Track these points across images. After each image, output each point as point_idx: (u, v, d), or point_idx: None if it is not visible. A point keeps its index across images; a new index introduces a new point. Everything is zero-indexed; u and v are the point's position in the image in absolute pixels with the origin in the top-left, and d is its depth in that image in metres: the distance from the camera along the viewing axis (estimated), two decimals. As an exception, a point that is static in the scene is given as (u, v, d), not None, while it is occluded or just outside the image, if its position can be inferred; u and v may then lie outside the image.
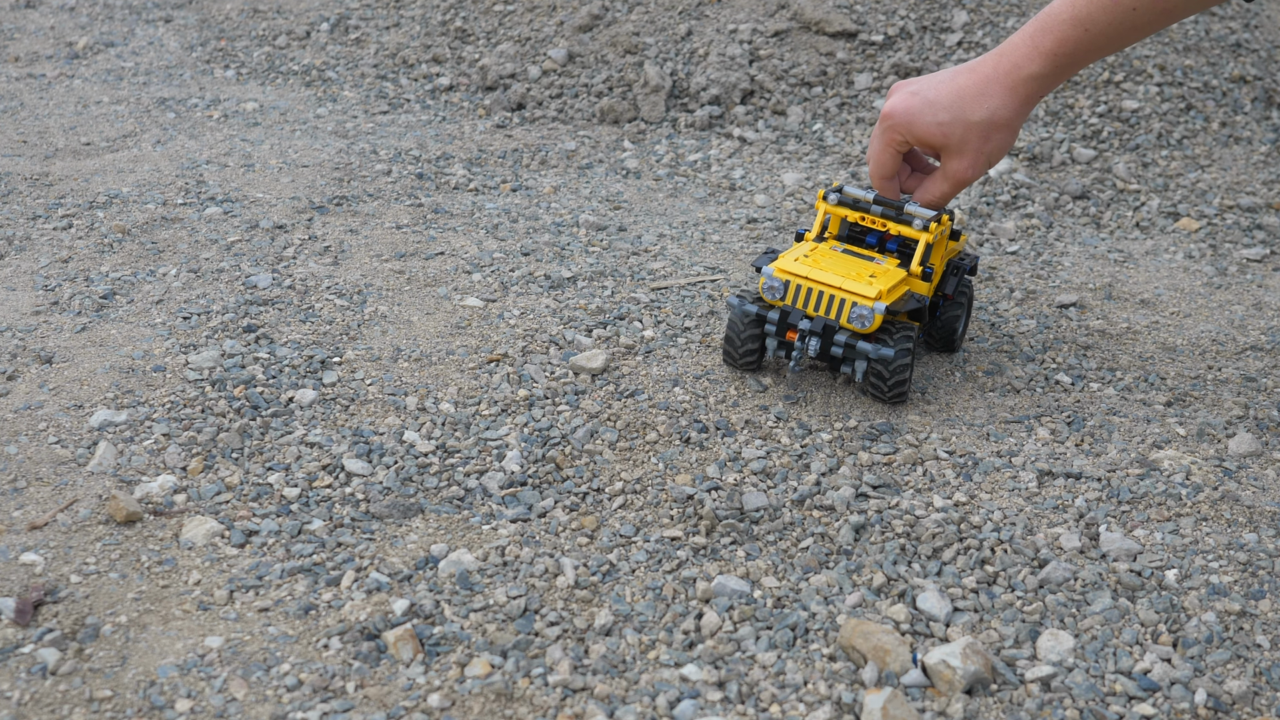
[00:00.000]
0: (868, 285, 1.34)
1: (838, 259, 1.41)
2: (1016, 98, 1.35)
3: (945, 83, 1.37)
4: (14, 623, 1.05)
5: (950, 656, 0.98)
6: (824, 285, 1.35)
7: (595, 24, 2.80)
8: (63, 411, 1.37)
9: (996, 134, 1.36)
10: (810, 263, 1.38)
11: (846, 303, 1.34)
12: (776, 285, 1.37)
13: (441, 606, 1.08)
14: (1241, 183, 2.23)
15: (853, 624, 1.03)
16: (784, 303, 1.37)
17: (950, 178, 1.40)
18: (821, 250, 1.43)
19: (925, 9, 2.66)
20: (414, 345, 1.54)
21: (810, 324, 1.35)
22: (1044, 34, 1.31)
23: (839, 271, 1.36)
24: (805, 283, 1.36)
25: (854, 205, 1.45)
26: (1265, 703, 0.99)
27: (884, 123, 1.39)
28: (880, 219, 1.43)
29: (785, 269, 1.37)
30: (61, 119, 2.58)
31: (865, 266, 1.39)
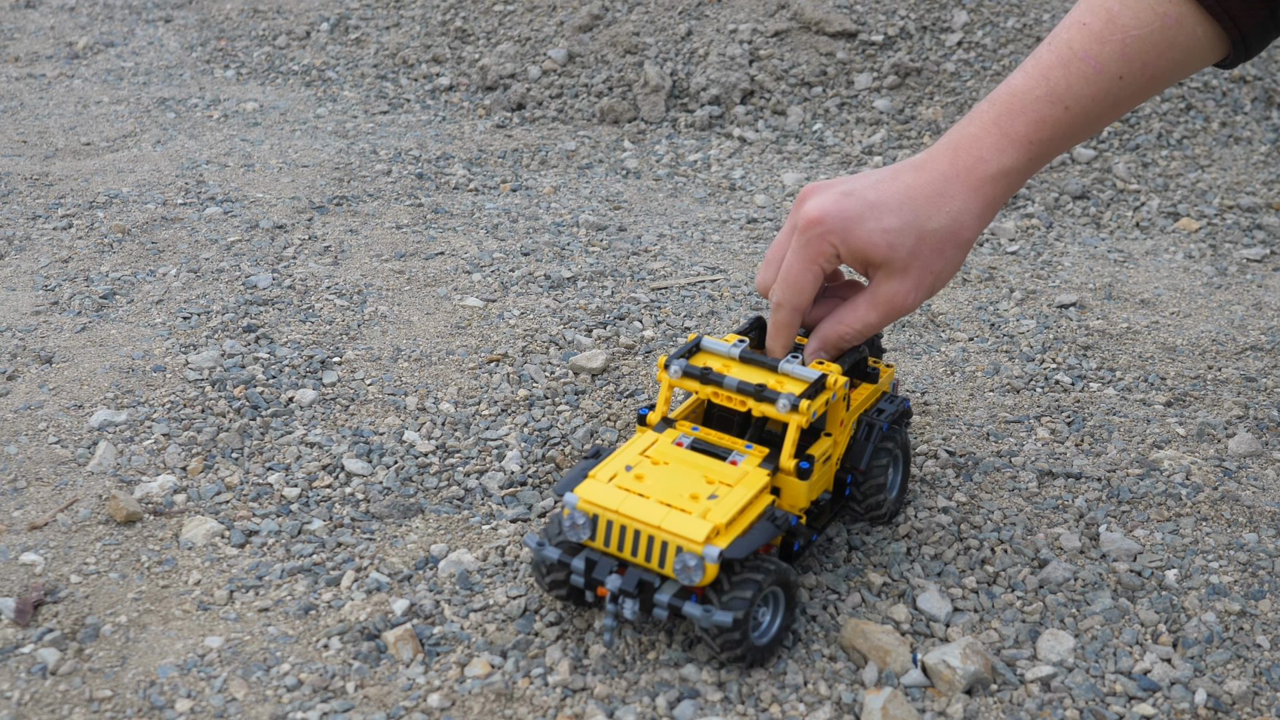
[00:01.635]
0: (696, 520, 0.95)
1: (677, 466, 1.02)
2: (981, 200, 1.06)
3: (886, 182, 1.07)
4: (14, 623, 1.05)
5: (950, 656, 0.99)
6: (639, 522, 0.96)
7: (595, 24, 2.80)
8: (63, 411, 1.37)
9: (952, 249, 1.07)
10: (634, 478, 1.00)
11: (669, 547, 0.95)
12: (581, 521, 0.98)
13: (441, 606, 1.08)
14: (1241, 183, 2.23)
15: (853, 624, 1.03)
16: (593, 544, 0.99)
17: (883, 304, 1.08)
18: (660, 450, 1.04)
19: (925, 9, 2.66)
20: (414, 345, 1.54)
21: (621, 581, 0.96)
22: (1013, 117, 1.05)
23: (667, 493, 0.98)
24: (616, 518, 0.97)
25: (702, 377, 1.05)
26: (1265, 703, 0.99)
27: (810, 230, 1.05)
28: (737, 395, 1.04)
29: (591, 497, 0.98)
30: (61, 119, 2.58)
31: (712, 477, 1.01)
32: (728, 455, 1.04)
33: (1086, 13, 1.04)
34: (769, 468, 1.03)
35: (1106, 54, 1.03)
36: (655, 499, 0.98)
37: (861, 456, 1.12)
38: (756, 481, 1.01)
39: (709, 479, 1.00)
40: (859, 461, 1.12)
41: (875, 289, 1.08)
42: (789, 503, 1.04)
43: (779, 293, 1.09)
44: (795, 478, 1.03)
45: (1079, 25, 1.04)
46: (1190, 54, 1.04)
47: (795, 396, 1.01)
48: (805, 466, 1.03)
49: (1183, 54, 1.03)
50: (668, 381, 1.07)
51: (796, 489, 1.04)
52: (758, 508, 0.99)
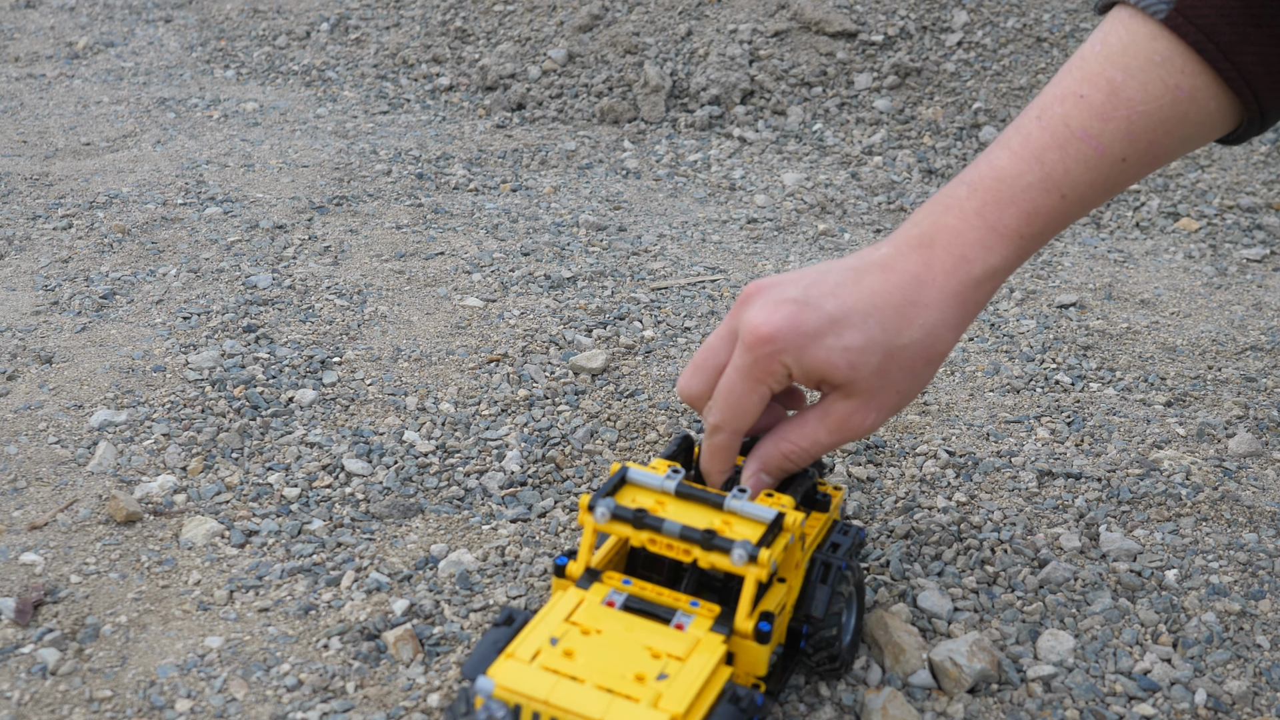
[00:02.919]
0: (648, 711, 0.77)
1: (613, 636, 0.84)
2: (961, 308, 0.90)
3: (848, 286, 0.90)
4: (14, 623, 1.04)
5: (957, 654, 0.98)
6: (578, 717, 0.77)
7: (595, 24, 2.80)
8: (63, 411, 1.37)
9: (924, 365, 0.91)
10: (562, 655, 0.81)
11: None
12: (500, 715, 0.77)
13: (441, 606, 1.08)
14: (1241, 183, 2.23)
15: (878, 613, 1.03)
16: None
17: (836, 425, 0.92)
18: (589, 614, 0.86)
19: (925, 9, 2.66)
20: (414, 345, 1.54)
21: None
22: (1001, 208, 0.89)
23: (606, 675, 0.80)
24: (546, 710, 0.77)
25: (636, 521, 0.87)
26: (1265, 703, 0.99)
27: (759, 349, 0.89)
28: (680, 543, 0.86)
29: (511, 684, 0.78)
30: (61, 119, 2.58)
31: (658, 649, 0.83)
32: (671, 617, 0.86)
33: (1083, 83, 0.89)
34: (723, 631, 0.84)
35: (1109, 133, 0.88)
36: (593, 683, 0.79)
37: (818, 603, 0.93)
38: (712, 652, 0.83)
39: (655, 653, 0.82)
40: (815, 609, 0.93)
41: (828, 406, 0.92)
42: (745, 669, 0.87)
43: (719, 414, 0.92)
44: (755, 642, 0.85)
45: (1075, 97, 0.89)
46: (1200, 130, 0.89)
47: (753, 545, 0.84)
48: (766, 629, 0.85)
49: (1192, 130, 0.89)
50: (592, 526, 0.89)
51: (756, 654, 0.85)
52: (716, 685, 0.82)
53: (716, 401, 0.93)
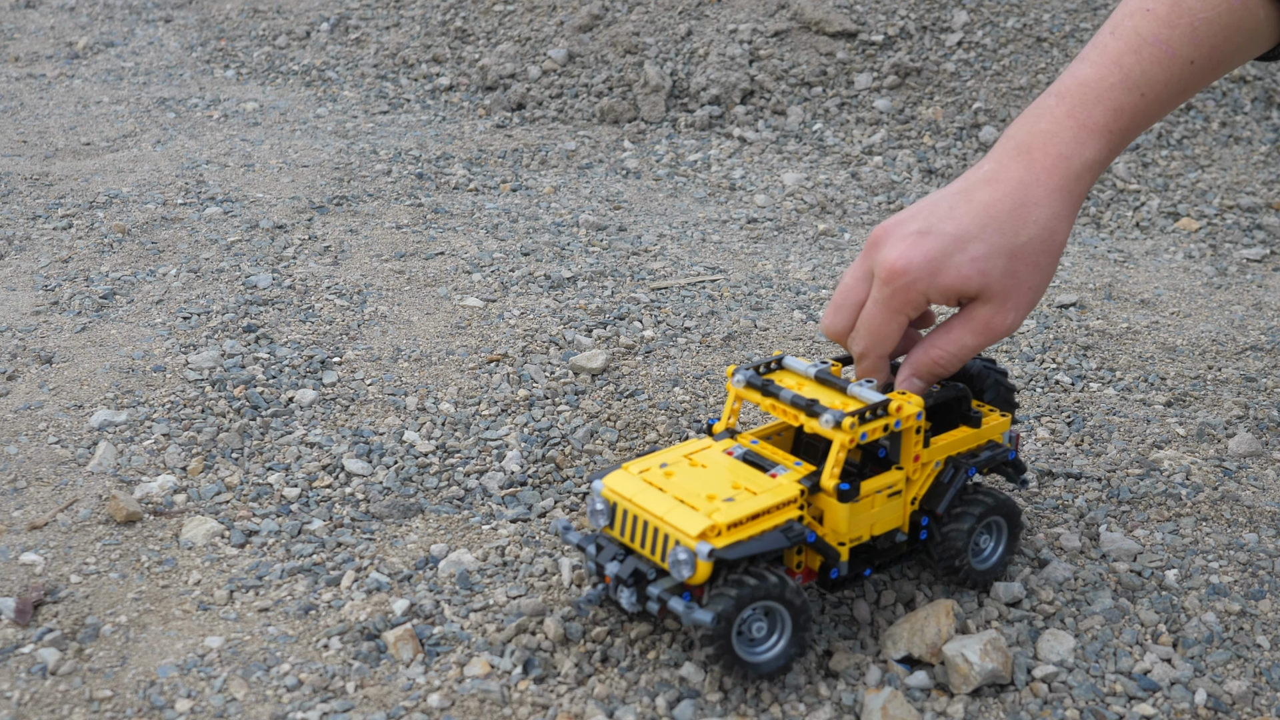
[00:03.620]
0: (698, 517, 0.93)
1: (713, 470, 1.01)
2: (1068, 199, 1.00)
3: (961, 206, 1.00)
4: (14, 623, 1.04)
5: (969, 650, 0.98)
6: (647, 513, 0.95)
7: (595, 24, 2.80)
8: (63, 411, 1.37)
9: (1047, 258, 1.01)
10: (663, 475, 1.00)
11: (669, 540, 0.94)
12: (601, 508, 0.99)
13: (441, 606, 1.08)
14: (1241, 183, 2.23)
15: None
16: (612, 532, 1.00)
17: (980, 328, 1.01)
18: (705, 455, 1.04)
19: (925, 9, 2.66)
20: (414, 345, 1.54)
21: (619, 569, 0.97)
22: (1089, 107, 1.01)
23: (686, 492, 0.97)
24: (630, 507, 0.97)
25: (763, 388, 1.03)
26: (1265, 703, 0.99)
27: (895, 282, 0.99)
28: (790, 409, 1.01)
29: (615, 486, 0.99)
30: (61, 119, 2.58)
31: (740, 483, 0.98)
32: (771, 469, 1.00)
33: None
34: (806, 484, 0.98)
35: (1176, 38, 1.01)
36: (671, 495, 0.97)
37: (940, 500, 1.04)
38: (783, 494, 0.96)
39: (736, 484, 0.98)
40: (936, 505, 1.04)
41: (971, 313, 1.01)
42: (830, 527, 0.99)
43: (863, 343, 1.03)
44: (834, 499, 0.97)
45: (1142, 11, 1.02)
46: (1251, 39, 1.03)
47: (841, 413, 0.96)
48: (845, 488, 0.97)
49: (1245, 38, 1.02)
50: (733, 392, 1.06)
51: (836, 512, 0.97)
52: (776, 518, 0.95)
53: (859, 333, 1.03)
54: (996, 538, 1.09)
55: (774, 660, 0.95)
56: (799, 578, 1.01)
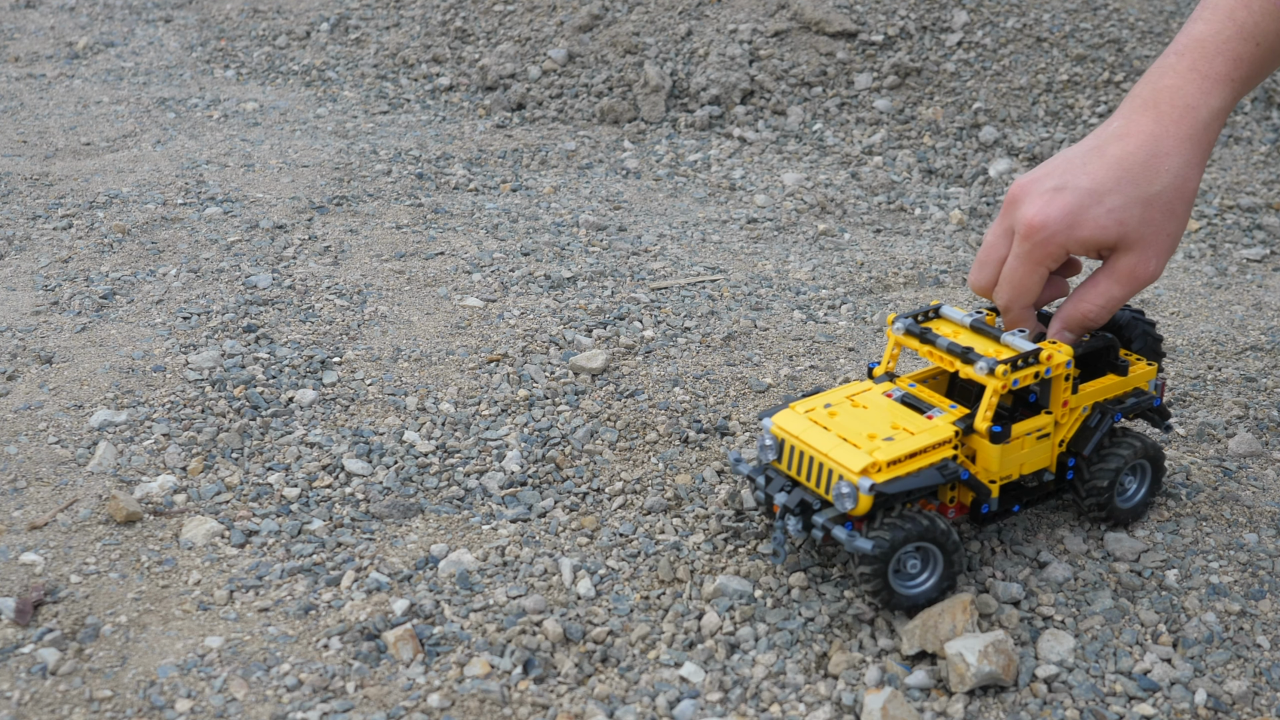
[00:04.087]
0: (860, 454, 1.02)
1: (873, 411, 1.10)
2: (1198, 148, 1.06)
3: (1094, 160, 1.06)
4: (14, 623, 1.04)
5: (969, 651, 0.98)
6: (813, 449, 1.05)
7: (595, 24, 2.80)
8: (63, 411, 1.37)
9: (1181, 205, 1.06)
10: (828, 414, 1.09)
11: (833, 475, 1.03)
12: (770, 444, 1.09)
13: (441, 606, 1.08)
14: (1241, 183, 2.23)
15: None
16: (780, 465, 1.09)
17: (1125, 277, 1.07)
18: (866, 397, 1.12)
19: (925, 9, 2.66)
20: (414, 345, 1.54)
21: (786, 499, 1.06)
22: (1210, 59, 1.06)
23: (849, 430, 1.06)
24: (797, 443, 1.06)
25: (921, 336, 1.12)
26: (1265, 703, 0.99)
27: (1034, 236, 1.05)
28: (946, 355, 1.10)
29: (783, 424, 1.08)
30: (61, 119, 2.58)
31: (899, 423, 1.07)
32: (928, 410, 1.09)
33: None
34: (960, 426, 1.07)
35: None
36: (836, 433, 1.05)
37: (1087, 443, 1.13)
38: (939, 434, 1.05)
39: (895, 424, 1.07)
40: (1083, 448, 1.13)
41: (1113, 264, 1.08)
42: (982, 466, 1.08)
43: (1006, 296, 1.10)
44: (987, 441, 1.06)
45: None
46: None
47: (995, 360, 1.04)
48: (998, 430, 1.06)
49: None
50: (892, 339, 1.15)
51: (988, 453, 1.07)
52: (932, 456, 1.04)
53: (1002, 287, 1.10)
54: (1140, 479, 1.18)
55: (926, 593, 1.04)
56: (951, 513, 1.10)
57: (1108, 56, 2.51)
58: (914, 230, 2.11)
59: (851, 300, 1.74)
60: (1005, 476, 1.09)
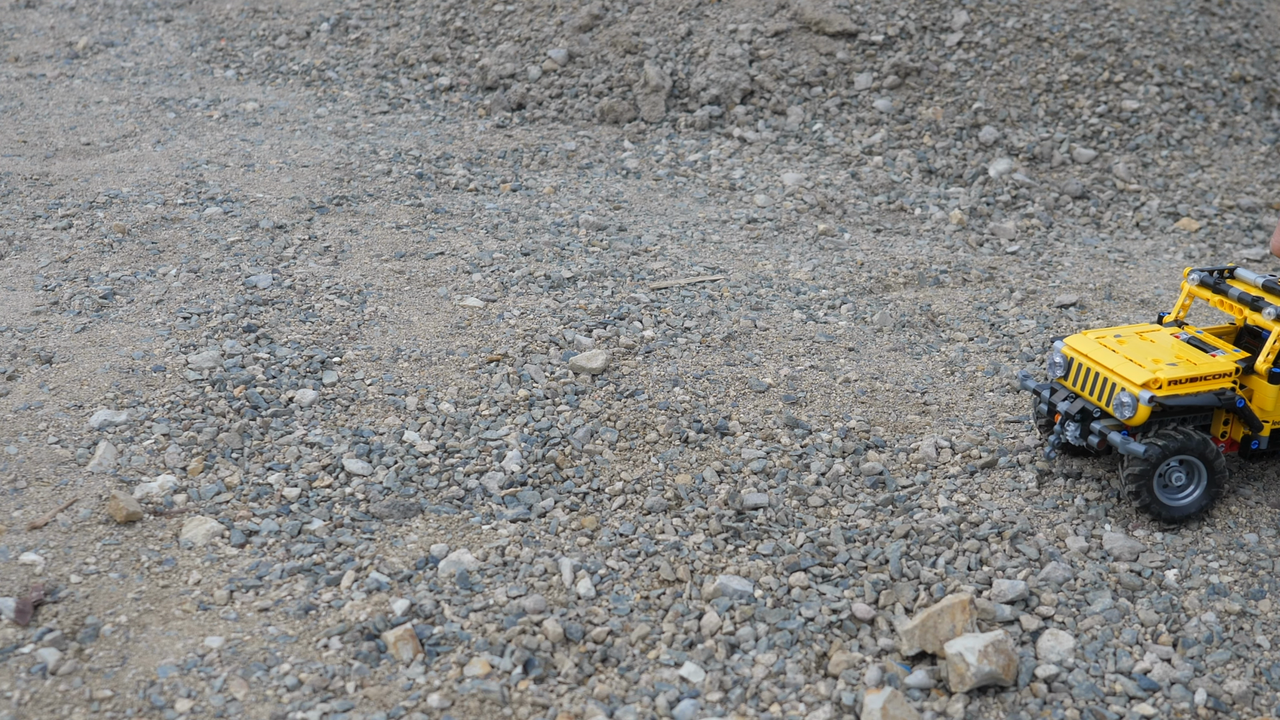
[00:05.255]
0: (1143, 371, 1.15)
1: (1161, 346, 1.21)
2: None
3: None
4: (14, 623, 1.04)
5: (969, 651, 0.98)
6: (1099, 365, 1.18)
7: (595, 24, 2.80)
8: (63, 411, 1.37)
9: None
10: (1117, 342, 1.22)
11: (1116, 387, 1.16)
12: (1059, 361, 1.23)
13: (441, 606, 1.08)
14: (1241, 183, 2.23)
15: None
16: (1065, 381, 1.23)
17: None
18: (1156, 335, 1.25)
19: (925, 9, 2.66)
20: (414, 345, 1.54)
21: (1069, 406, 1.20)
22: None
23: (1135, 355, 1.19)
24: (1085, 361, 1.20)
25: (1214, 287, 1.25)
26: (1265, 703, 0.99)
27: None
28: (1238, 304, 1.22)
29: (1073, 344, 1.22)
30: (61, 119, 2.58)
31: (1183, 355, 1.19)
32: (1212, 350, 1.20)
33: None
34: (1241, 364, 1.17)
35: None
36: (1123, 355, 1.18)
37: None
38: (1219, 366, 1.16)
39: (1179, 356, 1.18)
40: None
41: None
42: (1258, 405, 1.18)
43: None
44: (1266, 381, 1.16)
45: None
46: None
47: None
48: (1277, 371, 1.16)
49: None
50: (1186, 289, 1.27)
51: (1265, 392, 1.17)
52: (1211, 385, 1.16)
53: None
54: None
55: (1188, 506, 1.16)
56: (1222, 447, 1.20)
57: (1108, 56, 2.51)
58: (914, 230, 2.11)
59: (851, 300, 1.74)
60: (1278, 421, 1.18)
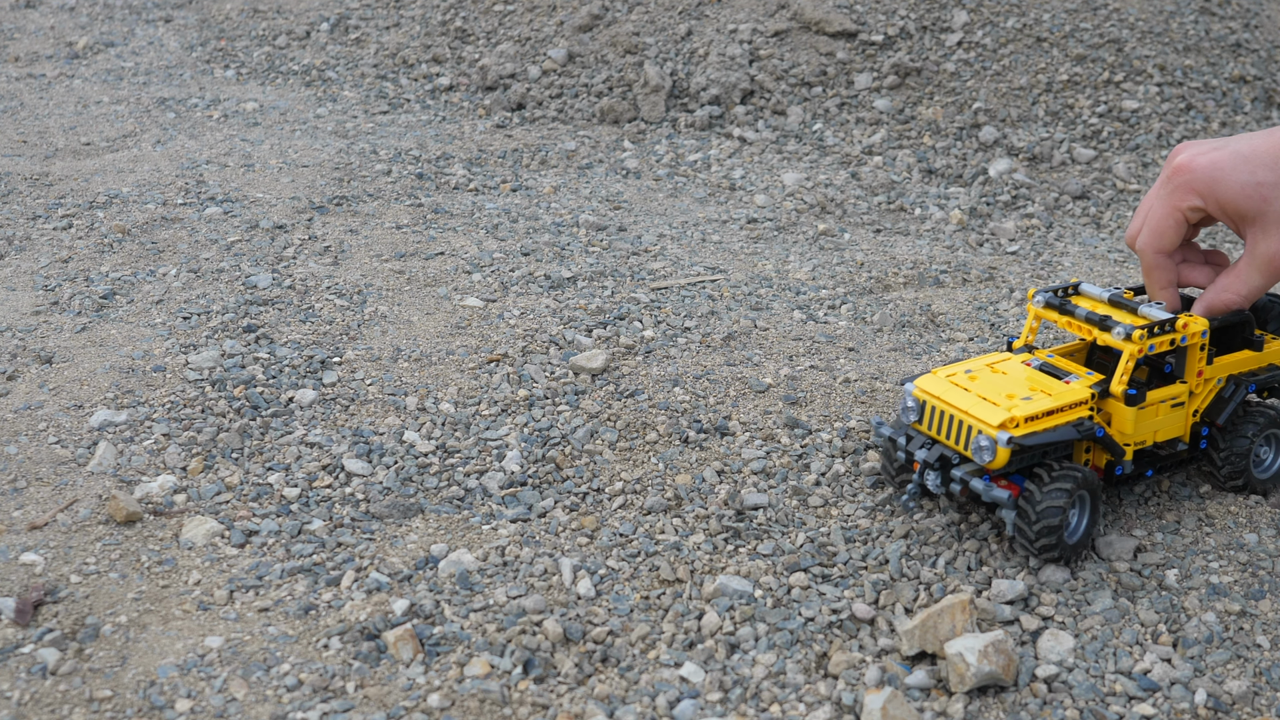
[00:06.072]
0: (998, 410, 1.08)
1: (1012, 377, 1.15)
2: None
3: (1260, 138, 1.09)
4: (14, 623, 1.04)
5: (969, 651, 0.98)
6: (953, 407, 1.11)
7: (595, 24, 2.80)
8: (63, 411, 1.37)
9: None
10: (968, 378, 1.15)
11: (973, 430, 1.09)
12: (912, 405, 1.15)
13: (441, 606, 1.08)
14: (1241, 183, 2.23)
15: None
16: (920, 426, 1.15)
17: (1264, 263, 1.11)
18: (1005, 365, 1.18)
19: (925, 9, 2.66)
20: (414, 345, 1.54)
21: (927, 454, 1.13)
22: None
23: (988, 391, 1.12)
24: (939, 404, 1.13)
25: (1060, 307, 1.18)
26: (1265, 703, 0.99)
27: (1175, 179, 1.11)
28: (1085, 324, 1.15)
29: (924, 386, 1.14)
30: (61, 119, 2.58)
31: (1037, 386, 1.13)
32: (1065, 376, 1.14)
33: None
34: (1096, 389, 1.12)
35: None
36: (976, 393, 1.11)
37: (1221, 412, 1.18)
38: (1075, 395, 1.10)
39: (1033, 387, 1.12)
40: (1217, 416, 1.18)
41: (1253, 250, 1.11)
42: (1117, 429, 1.13)
43: (1143, 239, 1.15)
44: (1123, 404, 1.11)
45: None
46: None
47: (1131, 326, 1.10)
48: (1132, 393, 1.11)
49: None
50: (1033, 311, 1.20)
51: (1124, 415, 1.12)
52: (1068, 416, 1.10)
53: (1143, 230, 1.15)
54: (1275, 449, 1.23)
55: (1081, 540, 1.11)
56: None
57: (1108, 56, 2.51)
58: (914, 230, 2.11)
59: (851, 300, 1.74)
60: (1139, 441, 1.14)
